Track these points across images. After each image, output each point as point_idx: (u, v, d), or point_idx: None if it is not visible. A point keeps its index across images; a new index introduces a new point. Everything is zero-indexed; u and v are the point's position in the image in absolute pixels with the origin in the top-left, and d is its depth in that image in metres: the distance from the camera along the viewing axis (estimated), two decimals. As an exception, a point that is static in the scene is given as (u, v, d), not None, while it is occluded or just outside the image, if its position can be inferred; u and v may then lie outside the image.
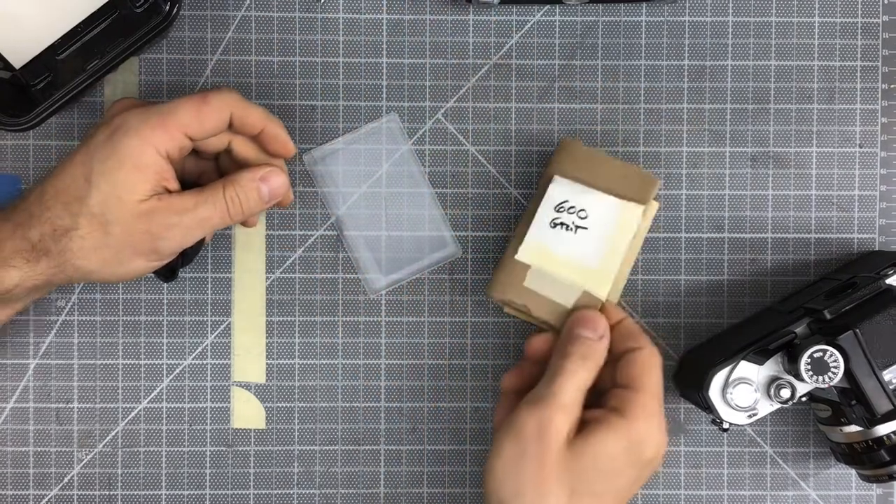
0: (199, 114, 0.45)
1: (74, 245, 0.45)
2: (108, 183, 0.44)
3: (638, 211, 0.48)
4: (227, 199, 0.46)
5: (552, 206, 0.49)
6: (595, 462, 0.43)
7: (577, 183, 0.49)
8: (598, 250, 0.48)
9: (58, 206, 0.45)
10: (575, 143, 0.50)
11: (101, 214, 0.44)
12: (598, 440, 0.43)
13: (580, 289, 0.48)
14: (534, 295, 0.48)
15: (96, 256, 0.45)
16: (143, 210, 0.45)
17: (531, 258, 0.48)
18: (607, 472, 0.43)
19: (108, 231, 0.45)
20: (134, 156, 0.44)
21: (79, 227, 0.45)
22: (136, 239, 0.45)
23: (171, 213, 0.45)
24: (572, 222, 0.48)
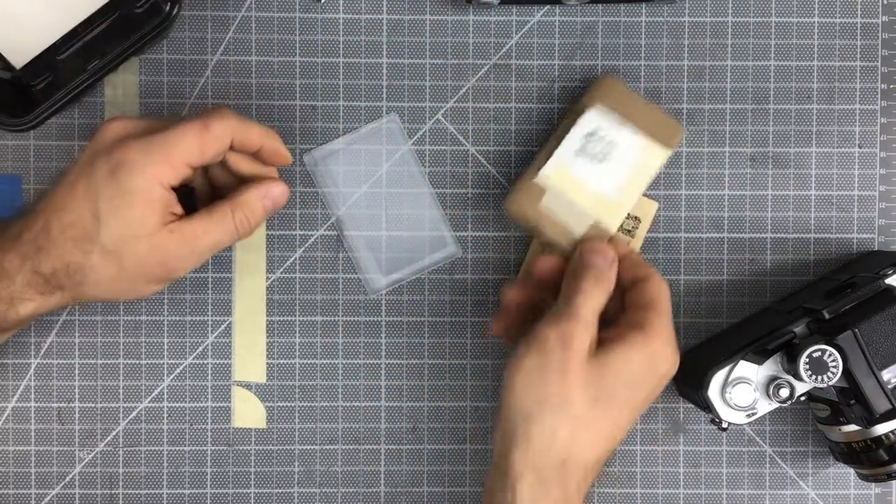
0: (201, 144, 0.45)
1: (89, 279, 0.46)
2: (118, 220, 0.45)
3: (663, 154, 0.50)
4: (236, 222, 0.47)
5: (583, 134, 0.49)
6: (617, 374, 0.44)
7: (613, 114, 0.50)
8: (618, 183, 0.50)
9: (67, 242, 0.45)
10: (616, 82, 0.51)
11: (115, 251, 0.45)
12: (621, 353, 0.45)
13: (593, 218, 0.49)
14: (548, 217, 0.49)
15: (111, 287, 0.46)
16: (155, 244, 0.45)
17: (553, 180, 0.49)
18: (629, 383, 0.45)
19: (123, 265, 0.45)
20: (142, 193, 0.45)
21: (93, 264, 0.45)
22: (151, 269, 0.46)
23: (184, 243, 0.46)
24: (600, 151, 0.49)
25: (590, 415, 0.44)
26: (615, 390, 0.44)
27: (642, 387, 0.45)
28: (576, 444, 0.44)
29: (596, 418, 0.44)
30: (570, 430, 0.44)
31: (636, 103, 0.50)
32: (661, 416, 0.54)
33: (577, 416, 0.44)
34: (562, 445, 0.44)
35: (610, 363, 0.44)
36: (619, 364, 0.44)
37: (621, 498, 0.54)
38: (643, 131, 0.50)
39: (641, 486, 0.54)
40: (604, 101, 0.50)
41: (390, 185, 0.54)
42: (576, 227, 0.49)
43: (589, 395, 0.44)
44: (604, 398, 0.44)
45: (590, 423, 0.44)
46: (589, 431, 0.44)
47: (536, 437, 0.44)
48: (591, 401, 0.44)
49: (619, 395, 0.45)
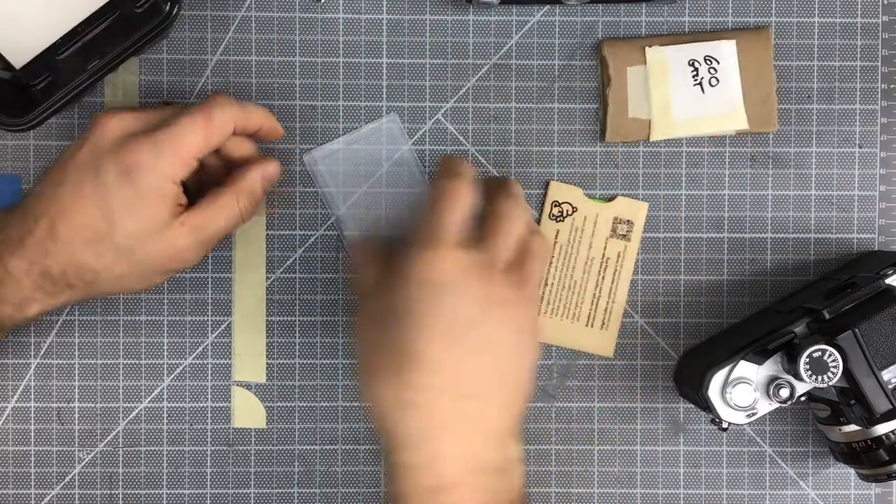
0: (206, 135, 0.46)
1: (102, 277, 0.46)
2: (132, 220, 0.45)
3: (739, 126, 0.52)
4: (241, 207, 0.48)
5: (705, 53, 0.52)
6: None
7: (738, 60, 0.52)
8: (688, 111, 0.52)
9: (77, 245, 0.45)
10: (769, 38, 0.52)
11: (129, 248, 0.45)
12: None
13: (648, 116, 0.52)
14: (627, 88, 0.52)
15: (123, 282, 0.47)
16: (168, 239, 0.46)
17: (653, 62, 0.52)
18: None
19: (136, 262, 0.46)
20: (154, 191, 0.45)
21: (106, 264, 0.45)
22: (162, 263, 0.47)
23: (194, 234, 0.46)
24: (703, 76, 0.52)
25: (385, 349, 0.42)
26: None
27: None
28: (385, 388, 0.41)
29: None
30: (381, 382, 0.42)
31: (766, 67, 0.52)
32: (661, 416, 0.54)
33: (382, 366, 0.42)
34: (378, 398, 0.42)
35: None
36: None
37: (621, 498, 0.54)
38: (747, 95, 0.52)
39: (641, 486, 0.54)
40: (745, 42, 0.52)
41: (390, 185, 0.53)
42: (638, 111, 0.51)
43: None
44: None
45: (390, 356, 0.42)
46: (392, 368, 0.41)
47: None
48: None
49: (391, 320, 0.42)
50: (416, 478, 0.41)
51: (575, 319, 0.54)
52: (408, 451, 0.42)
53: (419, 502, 0.41)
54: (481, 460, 0.42)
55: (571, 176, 0.54)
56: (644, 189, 0.54)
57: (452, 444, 0.42)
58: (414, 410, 0.41)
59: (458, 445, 0.42)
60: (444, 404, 0.42)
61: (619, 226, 0.54)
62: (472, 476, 0.42)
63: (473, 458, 0.42)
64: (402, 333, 0.42)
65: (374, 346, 0.43)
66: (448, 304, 0.42)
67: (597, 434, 0.54)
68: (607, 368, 0.54)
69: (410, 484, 0.41)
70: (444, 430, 0.42)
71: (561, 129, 0.54)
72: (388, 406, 0.42)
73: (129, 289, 0.48)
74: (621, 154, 0.54)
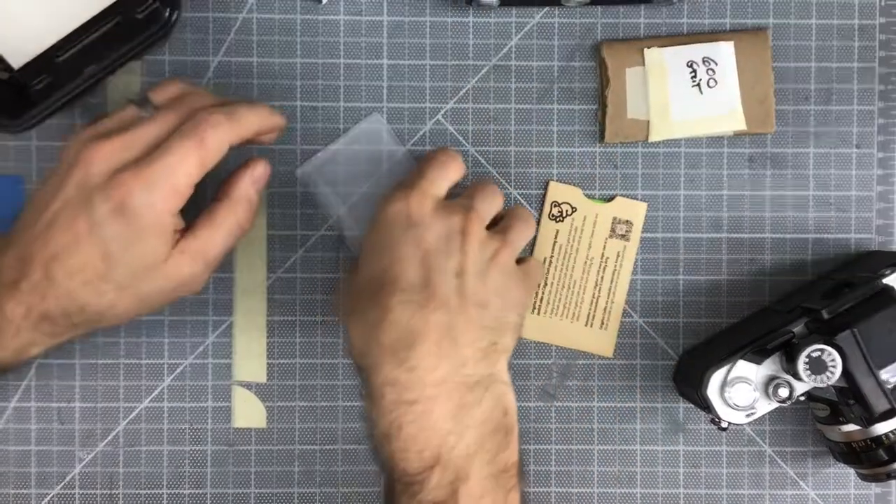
0: (201, 161, 0.44)
1: (107, 315, 0.45)
2: (132, 257, 0.43)
3: (736, 127, 0.53)
4: (240, 219, 0.46)
5: (704, 55, 0.52)
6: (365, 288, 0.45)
7: (736, 61, 0.53)
8: (686, 113, 0.52)
9: (76, 286, 0.43)
10: (767, 39, 0.53)
11: (132, 285, 0.44)
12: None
13: (647, 116, 0.52)
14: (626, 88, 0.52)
15: (130, 315, 0.46)
16: (170, 271, 0.44)
17: (651, 62, 0.52)
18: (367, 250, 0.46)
19: (141, 297, 0.45)
20: (153, 228, 0.43)
21: (109, 302, 0.44)
22: (168, 293, 0.45)
23: (196, 259, 0.45)
24: (701, 77, 0.52)
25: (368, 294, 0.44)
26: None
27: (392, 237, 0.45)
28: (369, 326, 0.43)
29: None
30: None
31: (763, 68, 0.52)
32: (661, 415, 0.54)
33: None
34: (357, 336, 0.44)
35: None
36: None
37: (621, 498, 0.54)
38: (745, 96, 0.52)
39: (641, 486, 0.54)
40: (743, 43, 0.52)
41: (387, 184, 0.53)
42: (635, 111, 0.51)
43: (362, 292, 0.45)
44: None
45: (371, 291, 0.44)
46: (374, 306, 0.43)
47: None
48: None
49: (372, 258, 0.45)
50: (392, 392, 0.42)
51: (574, 319, 0.54)
52: (386, 367, 0.42)
53: (396, 416, 0.42)
54: (459, 373, 0.43)
55: (571, 176, 0.54)
56: (643, 189, 0.54)
57: (429, 355, 0.42)
58: (389, 325, 0.42)
59: (435, 357, 0.42)
60: (420, 316, 0.42)
61: (619, 226, 0.54)
62: (447, 388, 0.42)
63: (451, 370, 0.42)
64: (379, 264, 0.44)
65: (356, 288, 0.45)
66: (425, 237, 0.44)
67: (596, 434, 0.54)
68: (607, 368, 0.54)
69: (388, 399, 0.42)
70: (422, 340, 0.42)
71: (560, 129, 0.54)
72: (367, 330, 0.43)
73: (140, 316, 0.47)
74: (620, 155, 0.54)
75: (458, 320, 0.43)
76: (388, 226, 0.45)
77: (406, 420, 0.42)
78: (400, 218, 0.45)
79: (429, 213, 0.45)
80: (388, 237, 0.45)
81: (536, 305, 0.54)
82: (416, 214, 0.45)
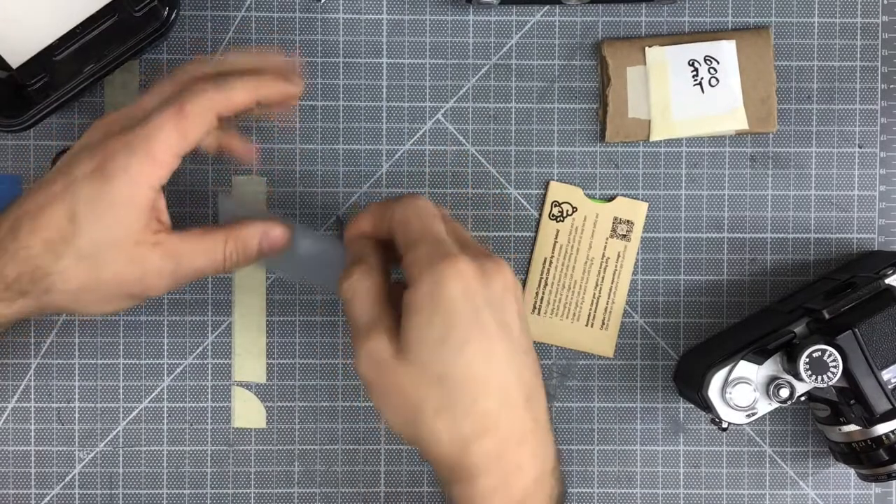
0: (181, 131, 0.42)
1: (57, 286, 0.42)
2: (99, 225, 0.42)
3: (739, 126, 0.52)
4: (227, 253, 0.44)
5: (705, 54, 0.51)
6: (421, 340, 0.39)
7: (737, 60, 0.52)
8: (688, 112, 0.51)
9: (37, 243, 0.42)
10: (769, 38, 0.52)
11: (91, 258, 0.42)
12: (408, 323, 0.39)
13: (648, 116, 0.52)
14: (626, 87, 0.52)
15: (81, 298, 0.43)
16: (137, 255, 0.42)
17: (653, 61, 0.51)
18: (437, 340, 0.39)
19: (98, 275, 0.42)
20: (126, 196, 0.41)
21: (63, 270, 0.42)
22: (127, 284, 0.43)
23: (167, 260, 0.43)
24: (703, 77, 0.52)
25: (441, 392, 0.39)
26: (444, 353, 0.39)
27: (458, 324, 0.39)
28: (457, 423, 0.39)
29: (448, 386, 0.39)
30: (444, 419, 0.39)
31: (766, 67, 0.52)
32: (661, 416, 0.54)
33: (437, 405, 0.39)
34: (448, 437, 0.39)
35: (412, 339, 0.39)
36: (420, 332, 0.39)
37: (621, 498, 0.54)
38: (746, 95, 0.51)
39: (641, 486, 0.54)
40: (745, 42, 0.52)
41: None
42: (637, 111, 0.51)
43: (430, 377, 0.39)
44: (444, 367, 0.39)
45: (449, 397, 0.39)
46: (455, 406, 0.39)
47: (428, 450, 0.40)
48: (437, 380, 0.39)
49: (451, 352, 0.39)
50: (492, 500, 0.39)
51: (575, 319, 0.54)
52: (482, 478, 0.39)
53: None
54: (548, 461, 0.41)
55: (571, 176, 0.54)
56: (644, 189, 0.54)
57: (529, 455, 0.40)
58: (485, 436, 0.39)
59: (532, 456, 0.40)
60: (514, 417, 0.40)
61: (619, 226, 0.54)
62: (542, 481, 0.40)
63: (543, 461, 0.41)
64: (445, 362, 0.39)
65: (411, 388, 0.39)
66: (482, 317, 0.39)
67: (597, 434, 0.54)
68: (607, 368, 0.54)
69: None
70: (521, 443, 0.40)
71: (561, 129, 0.54)
72: (451, 440, 0.39)
73: (86, 309, 0.44)
74: (621, 154, 0.54)
75: (538, 404, 0.41)
76: (453, 313, 0.39)
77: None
78: (465, 299, 0.39)
79: (472, 284, 0.39)
80: (460, 328, 0.39)
81: (536, 305, 0.54)
82: (473, 288, 0.39)
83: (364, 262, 0.42)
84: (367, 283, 0.41)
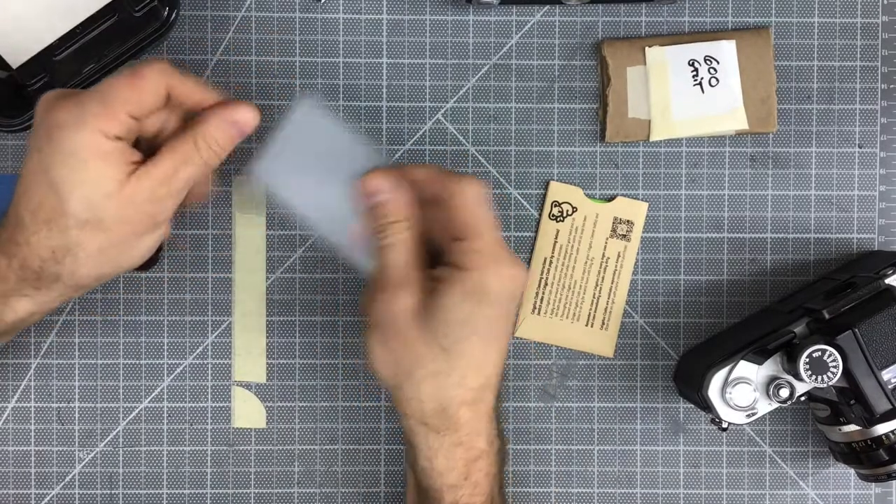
0: (134, 88, 0.43)
1: (80, 258, 0.43)
2: (78, 185, 0.42)
3: (739, 126, 0.53)
4: (202, 153, 0.44)
5: (704, 54, 0.52)
6: (446, 316, 0.44)
7: (737, 60, 0.53)
8: (688, 112, 0.52)
9: (41, 227, 0.43)
10: (769, 38, 0.52)
11: (91, 219, 0.43)
12: (442, 297, 0.44)
13: (649, 116, 0.52)
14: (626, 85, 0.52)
15: (104, 256, 0.44)
16: (127, 197, 0.43)
17: (652, 62, 0.52)
18: (460, 321, 0.44)
19: (106, 230, 0.43)
20: (89, 149, 0.42)
21: (76, 240, 0.43)
22: (135, 223, 0.44)
23: (157, 186, 0.43)
24: (702, 76, 0.52)
25: (446, 362, 0.44)
26: (459, 333, 0.44)
27: (478, 317, 0.44)
28: (445, 390, 0.44)
29: (454, 361, 0.44)
30: (433, 383, 0.44)
31: (766, 67, 0.52)
32: (661, 416, 0.54)
33: (433, 370, 0.44)
34: (432, 397, 0.44)
35: (439, 311, 0.44)
36: (449, 309, 0.44)
37: (621, 498, 0.54)
38: (746, 95, 0.52)
39: (641, 486, 0.54)
40: (745, 42, 0.52)
41: (340, 173, 0.47)
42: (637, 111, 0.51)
43: (433, 344, 0.44)
44: (451, 342, 0.44)
45: (451, 369, 0.44)
46: (453, 374, 0.44)
47: (407, 401, 0.45)
48: (441, 350, 0.44)
49: (456, 333, 0.44)
50: (458, 452, 0.45)
51: (575, 319, 0.54)
52: (449, 435, 0.45)
53: (463, 472, 0.45)
54: (495, 431, 0.47)
55: (571, 176, 0.54)
56: (644, 189, 0.54)
57: (488, 421, 0.46)
58: (463, 406, 0.45)
59: (489, 423, 0.46)
60: (489, 394, 0.46)
61: (619, 226, 0.54)
62: (492, 441, 0.47)
63: (495, 425, 0.47)
64: (459, 340, 0.44)
65: (415, 347, 0.44)
66: (508, 316, 0.46)
67: (597, 434, 0.54)
68: (607, 368, 0.54)
69: (453, 458, 0.45)
70: (488, 416, 0.46)
71: (561, 129, 0.54)
72: (434, 401, 0.45)
73: (118, 265, 0.45)
74: (621, 154, 0.54)
75: (495, 385, 0.47)
76: (490, 308, 0.44)
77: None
78: (506, 301, 0.45)
79: (520, 288, 0.46)
80: (488, 322, 0.45)
81: (536, 305, 0.54)
82: (515, 294, 0.45)
83: (406, 215, 0.45)
84: (408, 235, 0.45)
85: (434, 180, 0.45)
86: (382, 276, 0.45)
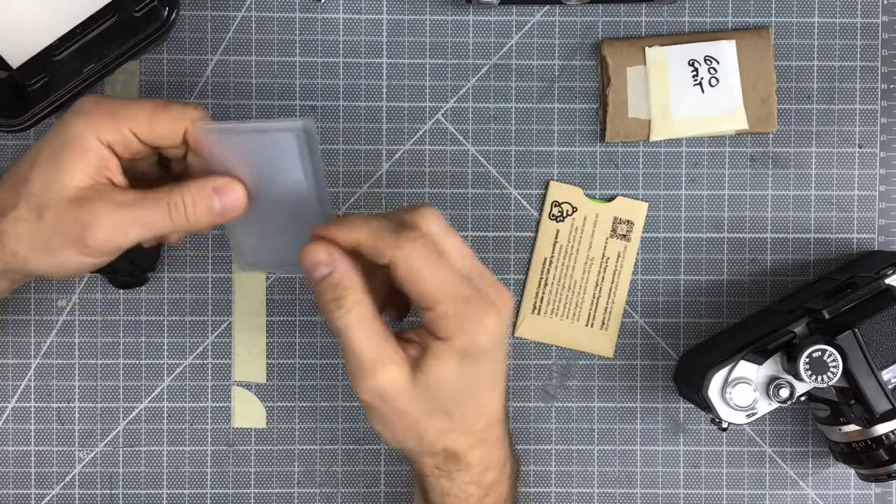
0: (152, 117, 0.43)
1: (10, 227, 0.43)
2: (49, 164, 0.43)
3: (739, 125, 0.52)
4: (170, 204, 0.43)
5: (704, 54, 0.52)
6: (446, 388, 0.41)
7: (737, 59, 0.53)
8: (688, 111, 0.52)
9: (7, 186, 0.44)
10: (769, 38, 0.52)
11: (39, 195, 0.42)
12: (434, 369, 0.41)
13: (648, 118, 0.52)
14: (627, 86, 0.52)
15: (28, 242, 0.43)
16: (77, 196, 0.42)
17: (653, 62, 0.52)
18: (461, 388, 0.42)
19: (42, 215, 0.42)
20: (76, 139, 0.42)
21: (17, 207, 0.43)
22: (66, 226, 0.42)
23: (107, 204, 0.42)
24: (703, 76, 0.52)
25: (451, 422, 0.43)
26: (461, 397, 0.42)
27: (476, 374, 0.42)
28: (454, 441, 0.43)
29: (459, 417, 0.43)
30: (442, 438, 0.43)
31: (766, 67, 0.52)
32: (661, 416, 0.54)
33: (439, 429, 0.43)
34: (442, 449, 0.43)
35: (436, 385, 0.41)
36: (446, 380, 0.41)
37: (621, 498, 0.54)
38: (746, 95, 0.52)
39: (641, 486, 0.54)
40: (745, 42, 0.52)
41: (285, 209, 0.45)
42: (637, 111, 0.51)
43: (439, 414, 0.42)
44: (454, 406, 0.42)
45: (457, 423, 0.43)
46: (460, 426, 0.43)
47: (417, 455, 0.44)
48: (444, 413, 0.42)
49: (467, 396, 0.42)
50: (470, 489, 0.45)
51: (575, 319, 0.54)
52: (469, 473, 0.45)
53: (475, 500, 0.45)
54: (508, 449, 0.47)
55: (571, 176, 0.54)
56: (644, 189, 0.54)
57: (499, 450, 0.46)
58: (476, 447, 0.44)
59: (500, 449, 0.46)
60: (496, 429, 0.45)
61: (619, 226, 0.54)
62: (504, 467, 0.46)
63: (507, 451, 0.47)
64: (459, 401, 0.43)
65: (418, 416, 0.42)
66: (499, 359, 0.44)
67: (597, 434, 0.54)
68: (607, 368, 0.54)
69: (465, 493, 0.45)
70: (499, 445, 0.46)
71: (561, 129, 0.54)
72: (446, 448, 0.44)
73: (37, 257, 0.43)
74: (621, 154, 0.54)
75: (505, 420, 0.47)
76: (479, 363, 0.42)
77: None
78: (493, 348, 0.42)
79: (503, 329, 0.43)
80: (482, 375, 0.43)
81: (536, 305, 0.54)
82: (499, 338, 0.42)
83: (351, 287, 0.41)
84: (359, 311, 0.41)
85: (373, 244, 0.41)
86: (354, 360, 0.41)
